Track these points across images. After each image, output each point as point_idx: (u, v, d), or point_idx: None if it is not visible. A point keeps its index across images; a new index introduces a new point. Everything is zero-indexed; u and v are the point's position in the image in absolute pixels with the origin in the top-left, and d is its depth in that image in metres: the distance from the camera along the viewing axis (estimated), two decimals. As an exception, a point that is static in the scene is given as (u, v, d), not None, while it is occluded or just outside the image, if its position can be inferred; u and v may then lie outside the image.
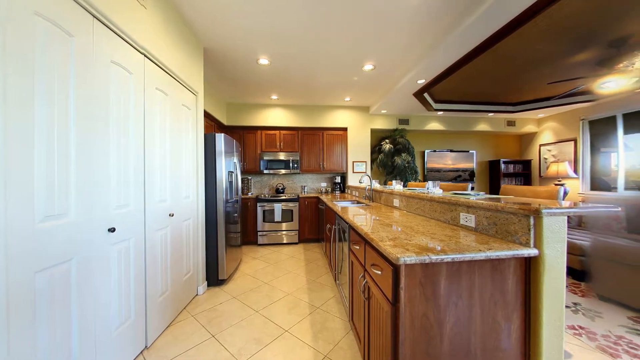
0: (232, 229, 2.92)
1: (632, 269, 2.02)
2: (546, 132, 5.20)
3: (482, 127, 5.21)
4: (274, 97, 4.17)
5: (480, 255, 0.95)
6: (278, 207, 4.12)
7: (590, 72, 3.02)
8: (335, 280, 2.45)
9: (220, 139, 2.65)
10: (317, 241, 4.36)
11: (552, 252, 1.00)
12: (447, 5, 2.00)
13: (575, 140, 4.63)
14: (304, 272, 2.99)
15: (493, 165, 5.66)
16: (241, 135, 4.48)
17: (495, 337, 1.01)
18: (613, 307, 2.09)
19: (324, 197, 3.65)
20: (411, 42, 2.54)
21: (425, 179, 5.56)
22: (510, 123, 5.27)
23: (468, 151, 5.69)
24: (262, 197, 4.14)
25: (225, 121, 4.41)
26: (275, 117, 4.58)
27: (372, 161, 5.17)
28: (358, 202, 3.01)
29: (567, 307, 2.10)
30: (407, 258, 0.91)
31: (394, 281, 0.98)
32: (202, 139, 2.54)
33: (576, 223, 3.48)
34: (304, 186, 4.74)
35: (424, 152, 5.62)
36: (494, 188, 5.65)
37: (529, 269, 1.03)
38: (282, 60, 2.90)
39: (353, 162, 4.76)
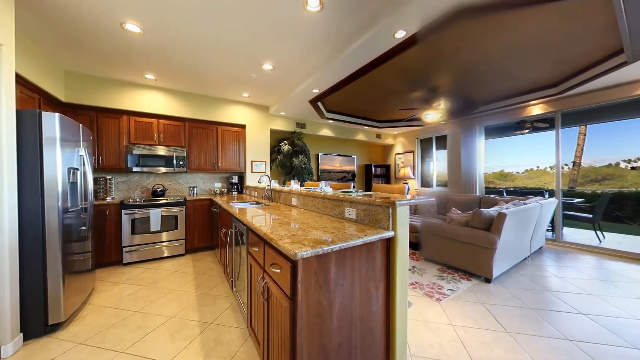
0: (76, 248, 2.09)
1: (440, 237, 3.12)
2: (399, 144, 7.10)
3: (360, 137, 6.41)
4: (150, 76, 3.35)
5: (359, 241, 1.17)
6: (156, 214, 3.33)
7: (420, 105, 4.39)
8: (232, 288, 2.28)
9: (53, 120, 1.84)
10: (210, 249, 3.89)
11: (402, 232, 1.37)
12: (336, 29, 2.32)
13: (413, 152, 6.60)
14: (193, 286, 2.58)
15: (367, 168, 7.10)
16: (94, 119, 3.29)
17: (369, 304, 1.27)
18: (432, 264, 3.14)
19: (218, 199, 3.30)
20: (308, 54, 2.76)
21: (319, 179, 6.19)
22: (378, 136, 6.80)
23: (351, 156, 6.84)
24: (130, 201, 3.21)
25: (62, 96, 3.09)
26: (153, 101, 3.69)
27: (272, 161, 5.20)
28: (257, 203, 2.94)
29: (408, 270, 2.95)
30: (304, 252, 0.99)
31: (292, 276, 1.03)
32: (12, 117, 1.66)
33: (413, 210, 4.97)
34: (193, 187, 4.09)
35: (317, 154, 6.25)
36: (368, 186, 7.10)
37: (389, 246, 1.37)
38: (161, 34, 2.38)
39: (252, 161, 4.59)
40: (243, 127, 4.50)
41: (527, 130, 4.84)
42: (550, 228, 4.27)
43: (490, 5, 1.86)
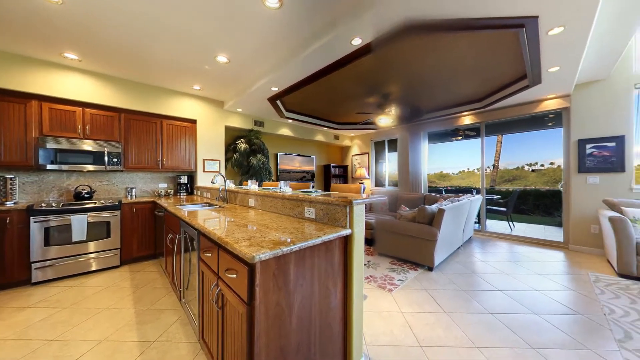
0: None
1: (391, 233, 3.39)
2: (355, 146, 7.46)
3: (320, 137, 6.53)
4: (71, 55, 2.79)
5: (319, 240, 1.19)
6: (80, 220, 2.79)
7: (374, 110, 4.69)
8: (180, 300, 2.07)
9: None
10: (153, 257, 3.45)
11: (358, 230, 1.44)
12: (296, 29, 2.31)
13: (368, 154, 7.02)
14: (131, 302, 2.26)
15: (326, 168, 7.26)
16: (-14, 102, 2.59)
17: (328, 300, 1.30)
18: (385, 258, 3.39)
19: (163, 201, 2.95)
20: (266, 51, 2.68)
21: (278, 179, 6.08)
22: (337, 137, 7.02)
23: (310, 156, 6.91)
24: (43, 206, 2.63)
25: None
26: (76, 86, 3.08)
27: (227, 160, 4.89)
28: (210, 205, 2.73)
29: (364, 265, 3.13)
30: (262, 255, 0.96)
31: (249, 280, 0.99)
32: None
33: (368, 208, 5.28)
34: (131, 188, 3.57)
35: (277, 154, 6.13)
36: (327, 186, 7.27)
37: (347, 244, 1.43)
38: (87, 6, 2.01)
39: (204, 160, 4.24)
40: (194, 122, 4.13)
41: (460, 137, 5.64)
42: (477, 220, 5.04)
43: (430, 25, 2.11)
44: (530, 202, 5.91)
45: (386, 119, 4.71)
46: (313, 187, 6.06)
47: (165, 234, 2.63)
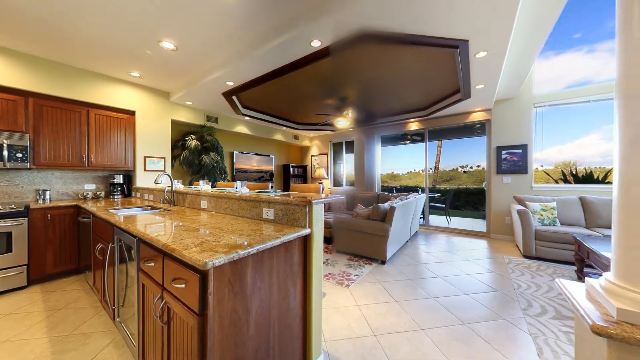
0: None
1: (348, 231, 3.55)
2: (314, 146, 7.56)
3: (279, 137, 6.41)
4: (-50, 18, 2.14)
5: (278, 241, 1.17)
6: (-36, 232, 2.16)
7: (333, 112, 4.83)
8: (114, 319, 1.78)
9: None
10: (76, 272, 2.89)
11: (317, 229, 1.46)
12: (254, 23, 2.22)
13: (327, 154, 7.19)
14: (44, 329, 1.85)
15: (286, 168, 7.18)
16: None
17: (287, 301, 1.29)
18: (342, 255, 3.52)
19: (90, 205, 2.49)
20: (221, 42, 2.51)
21: (234, 179, 5.75)
22: (296, 137, 7.00)
23: (269, 155, 6.73)
24: None
25: None
26: (-45, 58, 2.37)
27: (174, 158, 4.42)
28: (153, 208, 2.42)
29: (323, 263, 3.20)
30: (216, 260, 0.89)
31: (201, 289, 0.91)
32: None
33: (327, 208, 5.41)
34: (44, 190, 2.93)
35: (232, 152, 5.79)
36: (286, 186, 7.19)
37: (306, 243, 1.44)
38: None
39: (145, 157, 3.74)
40: (132, 113, 3.60)
41: (408, 141, 6.24)
42: (422, 216, 5.65)
43: (382, 36, 2.28)
44: (463, 199, 6.89)
45: (344, 122, 4.89)
46: (272, 187, 5.91)
47: (93, 244, 2.22)
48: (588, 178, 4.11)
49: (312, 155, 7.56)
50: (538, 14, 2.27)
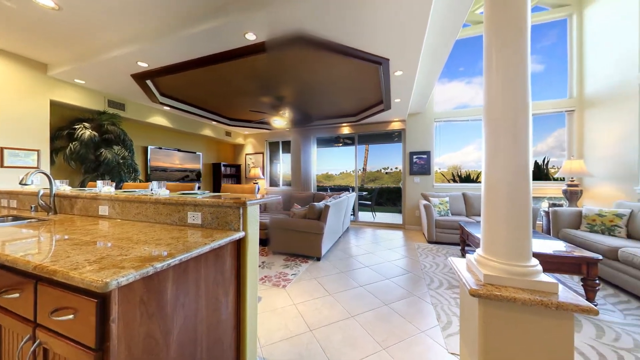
0: None
1: (285, 230, 3.53)
2: (249, 145, 7.18)
3: (207, 132, 5.79)
4: None
5: (206, 248, 1.05)
6: None
7: (269, 111, 4.71)
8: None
9: None
10: None
11: (252, 231, 1.40)
12: (168, 2, 1.93)
13: (263, 154, 6.96)
14: None
15: (216, 167, 6.55)
16: None
17: (218, 313, 1.18)
18: (279, 256, 3.48)
19: None
20: (129, 12, 2.08)
21: (148, 179, 4.85)
22: (228, 134, 6.48)
23: (195, 152, 5.99)
24: None
25: None
26: None
27: (56, 151, 3.38)
28: (17, 218, 1.78)
29: (258, 266, 3.08)
30: (122, 278, 0.73)
31: (99, 317, 0.73)
32: None
33: (263, 209, 5.24)
34: None
35: (146, 147, 4.87)
36: (216, 187, 6.55)
37: (240, 247, 1.35)
38: None
39: (3, 148, 2.71)
40: (-23, 86, 2.55)
41: (341, 144, 6.72)
42: (352, 213, 6.18)
43: (316, 41, 2.38)
44: (385, 197, 7.93)
45: (280, 121, 4.85)
46: (199, 188, 5.27)
47: None
48: (468, 178, 5.45)
49: (247, 154, 7.17)
50: (435, 49, 2.84)
